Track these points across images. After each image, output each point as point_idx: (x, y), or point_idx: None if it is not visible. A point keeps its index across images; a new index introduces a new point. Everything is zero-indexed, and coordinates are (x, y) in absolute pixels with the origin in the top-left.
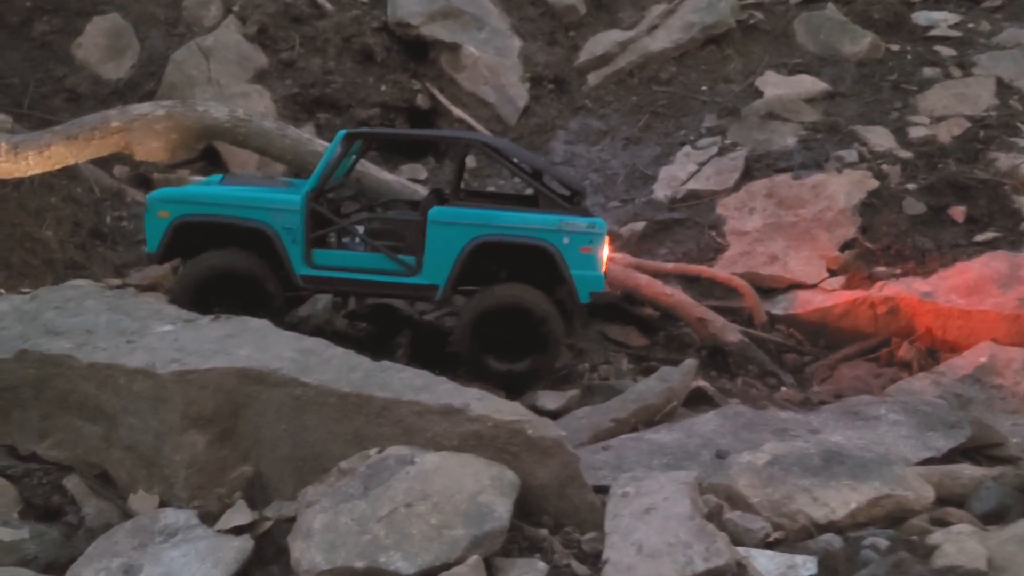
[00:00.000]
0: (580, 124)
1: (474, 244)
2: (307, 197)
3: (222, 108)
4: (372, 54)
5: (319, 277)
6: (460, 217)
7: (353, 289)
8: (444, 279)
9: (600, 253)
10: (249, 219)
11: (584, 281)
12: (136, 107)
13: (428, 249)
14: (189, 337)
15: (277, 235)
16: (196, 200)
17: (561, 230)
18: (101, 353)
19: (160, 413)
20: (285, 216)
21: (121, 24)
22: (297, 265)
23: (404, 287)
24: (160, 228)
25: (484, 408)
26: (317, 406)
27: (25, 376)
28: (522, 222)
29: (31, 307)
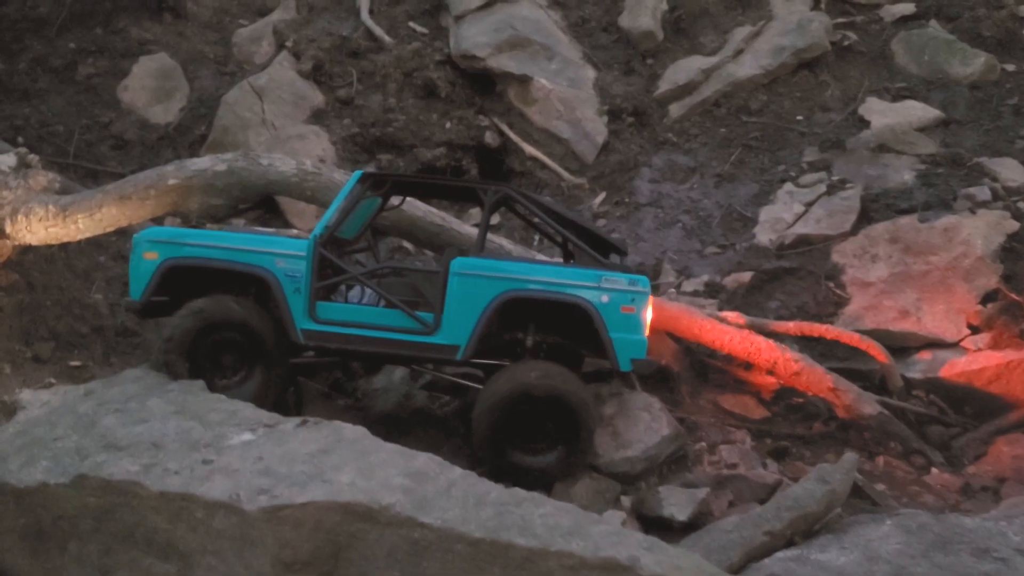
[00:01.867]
0: (665, 160)
1: (501, 299)
2: (315, 242)
3: (288, 161)
4: (435, 89)
5: (323, 332)
6: (486, 269)
7: (360, 347)
8: (466, 339)
9: (644, 314)
10: (248, 263)
11: (625, 345)
12: (194, 162)
13: (448, 304)
14: (275, 454)
15: (279, 282)
16: (189, 241)
17: (600, 287)
18: (173, 478)
19: (246, 556)
20: (289, 262)
21: (169, 64)
22: (299, 318)
23: (419, 346)
24: (147, 272)
25: (659, 564)
26: (440, 552)
27: (84, 505)
28: (557, 275)
29: (87, 408)
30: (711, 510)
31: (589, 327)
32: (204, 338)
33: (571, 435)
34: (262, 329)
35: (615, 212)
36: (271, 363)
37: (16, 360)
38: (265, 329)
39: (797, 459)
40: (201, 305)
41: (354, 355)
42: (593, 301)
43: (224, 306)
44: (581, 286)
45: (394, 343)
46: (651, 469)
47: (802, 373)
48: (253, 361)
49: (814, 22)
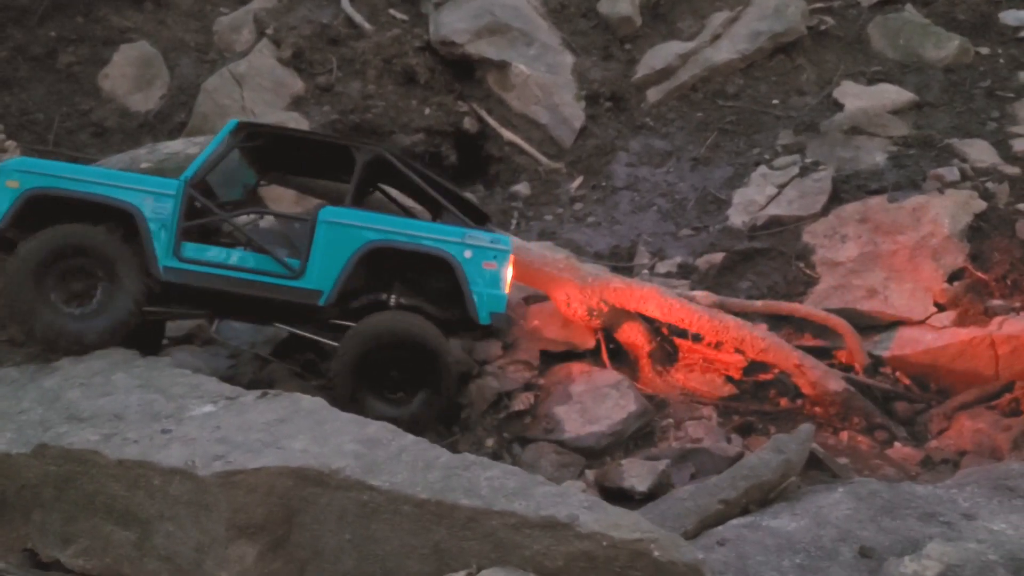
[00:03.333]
0: (642, 144)
1: (366, 249)
2: (185, 182)
3: None
4: (415, 76)
5: (185, 270)
6: (353, 218)
7: (222, 287)
8: (330, 285)
9: (504, 271)
10: (113, 198)
11: (485, 299)
12: (167, 145)
13: (315, 251)
14: (233, 423)
15: (144, 218)
16: (55, 172)
17: (464, 243)
18: (132, 447)
19: (202, 521)
20: (157, 200)
21: (150, 52)
22: (162, 255)
23: (283, 290)
24: (7, 200)
25: (597, 522)
26: (389, 514)
27: (45, 474)
28: (422, 230)
29: (53, 383)
30: (671, 482)
31: (451, 283)
32: (56, 262)
33: (432, 379)
34: (120, 257)
35: (592, 196)
36: (128, 293)
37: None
38: (124, 258)
39: (763, 435)
40: (54, 229)
41: (217, 299)
42: (456, 255)
43: (80, 231)
44: (445, 240)
45: (257, 285)
46: (617, 444)
47: (769, 350)
48: (107, 292)
49: (791, 7)
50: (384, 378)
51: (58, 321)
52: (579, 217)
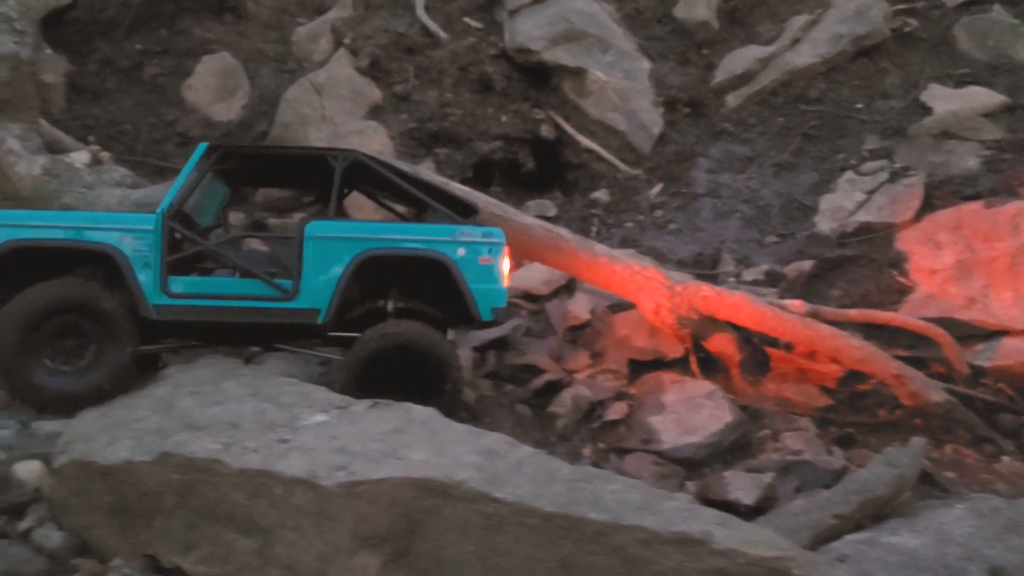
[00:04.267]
0: (722, 150)
1: (359, 260)
2: (164, 215)
3: None
4: (491, 83)
5: (177, 306)
6: (341, 230)
7: (218, 318)
8: (326, 302)
9: (500, 264)
10: (91, 242)
11: (485, 295)
12: None
13: (306, 268)
14: (349, 433)
15: (126, 258)
16: (27, 222)
17: (456, 240)
18: (252, 456)
19: (325, 531)
20: (137, 237)
21: (231, 63)
22: (150, 294)
23: (279, 312)
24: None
25: (731, 538)
26: (513, 527)
27: (168, 481)
28: (412, 233)
29: (165, 391)
30: (776, 495)
31: (448, 283)
32: (42, 323)
33: (439, 387)
34: (110, 309)
35: (672, 203)
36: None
37: None
38: (114, 308)
39: (863, 446)
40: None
41: (213, 329)
42: (450, 254)
43: (60, 289)
44: (437, 241)
45: (253, 311)
46: (715, 455)
47: (866, 360)
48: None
49: (873, 9)
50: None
51: (48, 381)
52: (660, 224)
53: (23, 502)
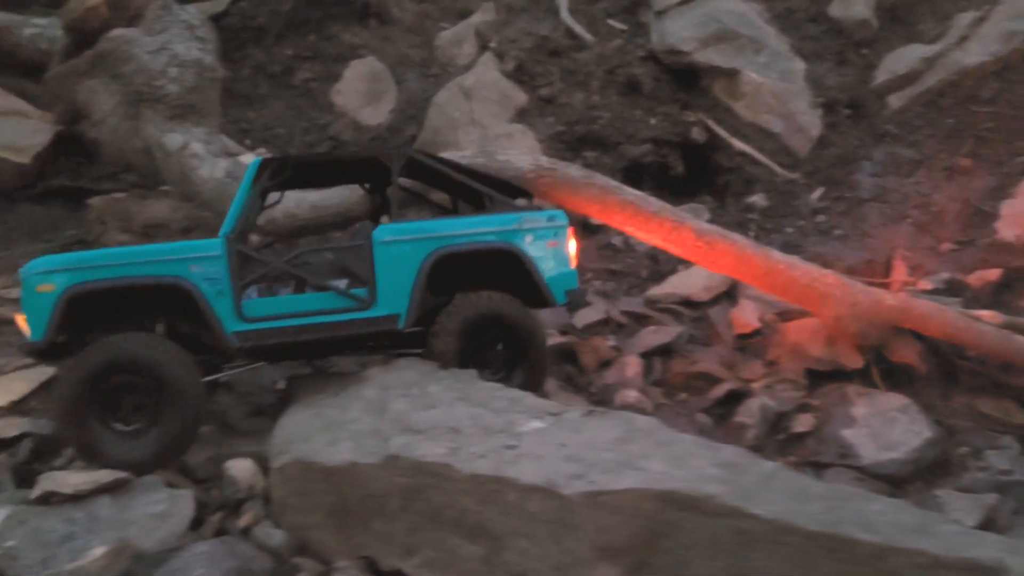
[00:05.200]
0: (886, 153)
1: (432, 259)
2: (228, 239)
3: (524, 157)
4: (639, 86)
5: (258, 331)
6: (410, 232)
7: (301, 337)
8: (405, 306)
9: (567, 247)
10: (159, 275)
11: (557, 280)
12: None
13: (380, 275)
14: (576, 441)
15: (198, 289)
16: (88, 264)
17: (522, 228)
18: (480, 461)
19: (563, 540)
20: (206, 264)
21: (378, 68)
22: (228, 321)
23: (360, 323)
24: (45, 307)
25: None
26: (769, 544)
27: (393, 484)
28: (480, 226)
29: (372, 394)
30: (996, 516)
31: (519, 270)
32: (99, 384)
33: (528, 355)
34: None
35: (836, 207)
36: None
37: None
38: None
39: None
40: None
41: (292, 348)
42: (518, 243)
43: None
44: (505, 231)
45: (333, 325)
46: (916, 472)
47: None
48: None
49: None
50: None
51: (109, 442)
52: (823, 230)
53: (239, 499)
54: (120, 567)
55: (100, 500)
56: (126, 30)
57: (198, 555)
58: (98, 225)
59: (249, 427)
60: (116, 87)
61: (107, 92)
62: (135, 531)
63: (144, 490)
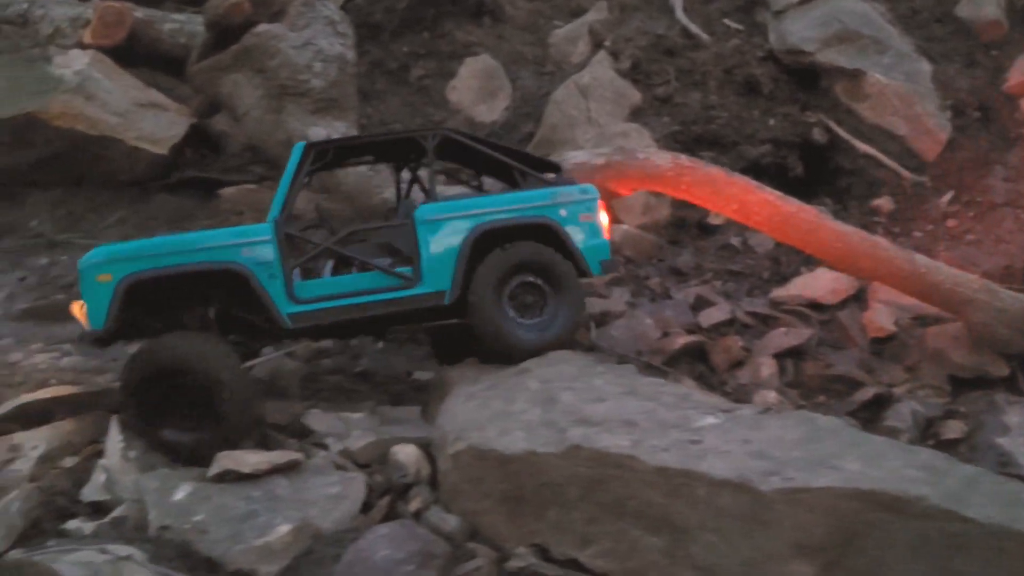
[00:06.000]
0: (1020, 157)
1: (474, 235)
2: (276, 223)
3: (664, 155)
4: (757, 86)
5: (311, 312)
6: (451, 210)
7: (353, 316)
8: (449, 281)
9: (599, 219)
10: (214, 261)
11: (591, 251)
12: (574, 155)
13: (424, 253)
14: (760, 439)
15: (251, 272)
16: (145, 253)
17: (557, 202)
18: (665, 455)
19: (755, 536)
20: (257, 248)
21: (492, 65)
22: (281, 304)
23: (407, 300)
24: (104, 298)
25: None
26: (983, 550)
27: (574, 475)
28: (517, 202)
29: (535, 386)
30: None
31: (556, 242)
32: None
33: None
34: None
35: (967, 212)
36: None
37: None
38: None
39: None
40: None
41: (344, 327)
42: (555, 217)
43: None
44: (542, 206)
45: (383, 303)
46: None
47: None
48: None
49: None
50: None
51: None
52: (955, 235)
53: (406, 484)
54: (302, 545)
55: (275, 480)
56: (271, 25)
57: (381, 537)
58: (233, 215)
59: (396, 416)
60: (260, 81)
61: (251, 86)
62: (314, 511)
63: (315, 472)
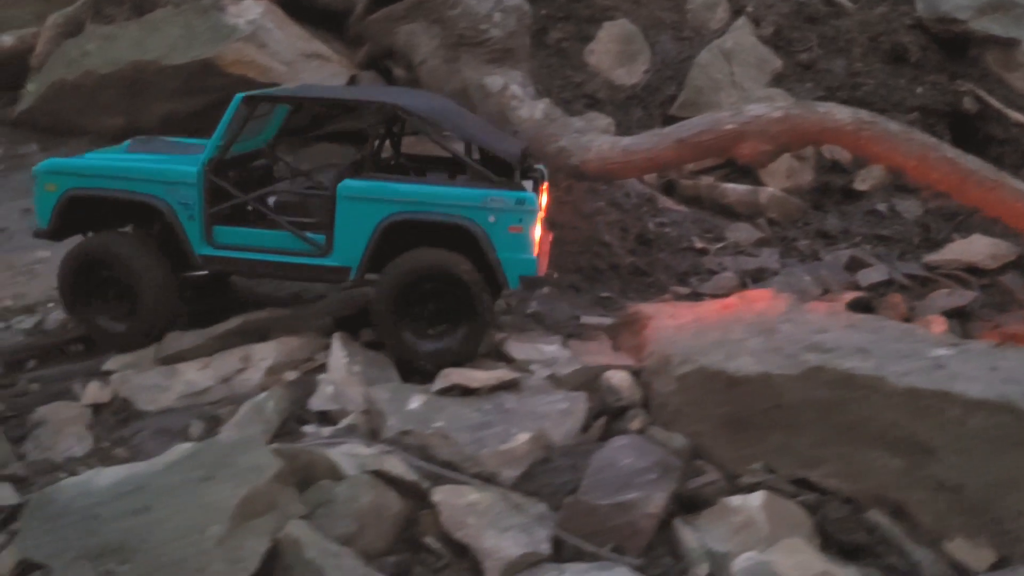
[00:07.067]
0: None
1: (388, 222)
2: (204, 169)
3: (844, 109)
4: (905, 54)
5: (220, 257)
6: (371, 192)
7: (256, 271)
8: (357, 261)
9: (531, 232)
10: (141, 193)
11: (513, 264)
12: (751, 108)
13: (339, 227)
14: (1007, 367)
15: (172, 211)
16: (85, 172)
17: (486, 207)
18: (912, 378)
19: (1007, 456)
20: (181, 190)
21: (630, 30)
22: (196, 244)
23: (314, 269)
24: (49, 203)
25: None
26: None
27: (809, 397)
28: (442, 198)
29: (749, 317)
30: None
31: (476, 247)
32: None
33: (470, 313)
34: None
35: None
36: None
37: (560, 286)
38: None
39: None
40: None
41: (250, 276)
42: (480, 221)
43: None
44: (468, 207)
45: (290, 267)
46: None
47: None
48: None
49: None
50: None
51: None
52: None
53: (621, 407)
54: (538, 454)
55: (502, 396)
56: None
57: (622, 447)
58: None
59: (585, 348)
60: (436, 31)
61: (427, 36)
62: (548, 424)
63: (537, 391)
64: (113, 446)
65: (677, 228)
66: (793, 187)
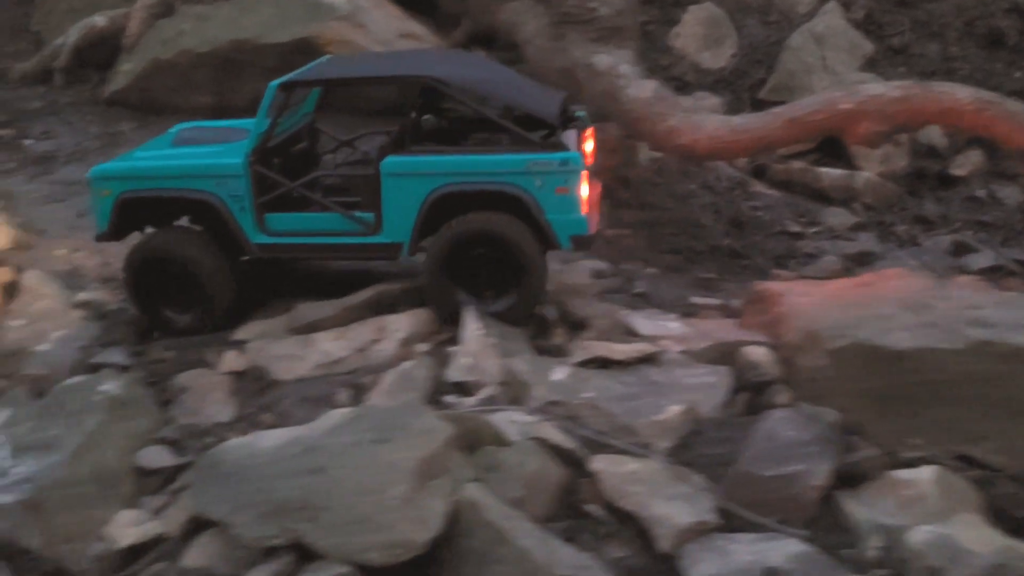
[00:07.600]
0: None
1: (435, 196)
2: (248, 159)
3: (964, 88)
4: (1002, 37)
5: (276, 244)
6: (415, 167)
7: (313, 254)
8: (408, 235)
9: (578, 191)
10: (192, 190)
11: (563, 225)
12: (868, 87)
13: (386, 204)
14: None
15: (224, 204)
16: (135, 175)
17: (530, 171)
18: None
19: None
20: (229, 183)
21: (717, 14)
22: (251, 233)
23: (367, 247)
24: (105, 208)
25: None
26: None
27: (972, 371)
28: (486, 166)
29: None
30: None
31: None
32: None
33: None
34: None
35: None
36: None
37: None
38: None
39: None
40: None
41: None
42: (526, 187)
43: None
44: (512, 172)
45: (343, 247)
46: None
47: None
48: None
49: None
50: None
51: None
52: None
53: (763, 382)
54: (690, 426)
55: (643, 369)
56: None
57: (781, 419)
58: None
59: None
60: (541, 9)
61: (531, 14)
62: (698, 396)
63: (678, 364)
64: (259, 412)
65: (770, 212)
66: (887, 172)
